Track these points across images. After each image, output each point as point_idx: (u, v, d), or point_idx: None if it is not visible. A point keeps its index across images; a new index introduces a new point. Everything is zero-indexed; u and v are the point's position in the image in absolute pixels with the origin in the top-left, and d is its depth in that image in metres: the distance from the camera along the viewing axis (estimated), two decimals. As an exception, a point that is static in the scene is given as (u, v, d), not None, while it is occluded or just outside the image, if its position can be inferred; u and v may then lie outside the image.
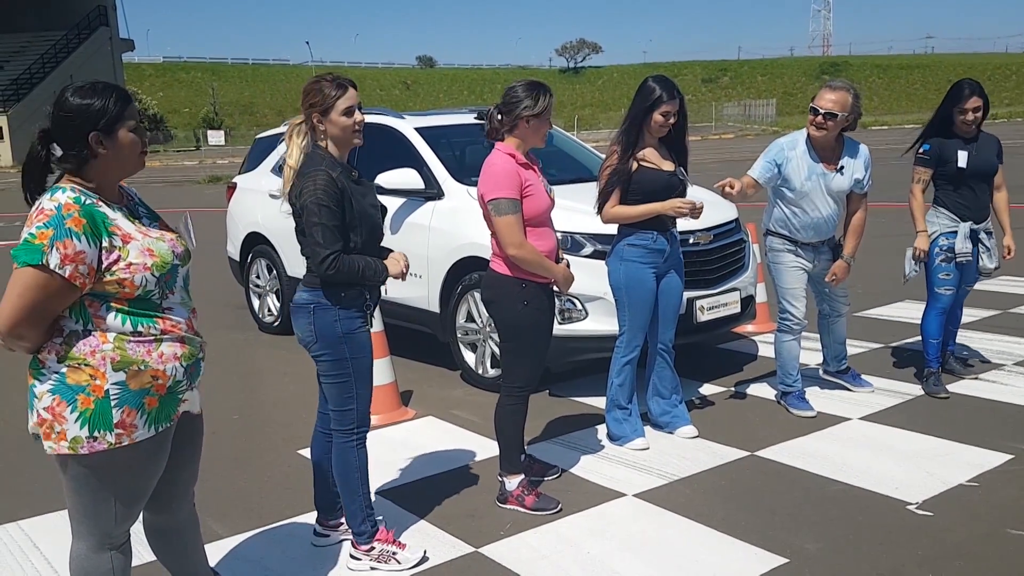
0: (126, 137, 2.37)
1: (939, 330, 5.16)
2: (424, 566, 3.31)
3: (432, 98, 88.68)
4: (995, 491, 3.79)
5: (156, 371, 2.38)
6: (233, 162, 37.57)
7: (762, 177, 4.71)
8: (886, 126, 50.08)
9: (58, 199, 2.28)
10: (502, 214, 3.57)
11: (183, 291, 2.52)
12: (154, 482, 2.51)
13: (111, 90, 2.35)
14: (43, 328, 2.30)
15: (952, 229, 5.02)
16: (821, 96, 4.61)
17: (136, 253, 2.34)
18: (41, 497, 3.99)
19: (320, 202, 3.03)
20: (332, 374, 3.23)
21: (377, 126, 6.23)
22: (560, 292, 3.82)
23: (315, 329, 3.17)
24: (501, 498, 3.82)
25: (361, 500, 3.32)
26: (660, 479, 4.04)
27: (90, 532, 2.46)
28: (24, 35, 50.76)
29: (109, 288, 2.32)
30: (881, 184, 7.37)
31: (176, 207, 16.81)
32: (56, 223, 2.23)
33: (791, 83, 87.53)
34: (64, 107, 2.32)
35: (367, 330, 3.25)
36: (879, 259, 8.30)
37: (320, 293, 3.15)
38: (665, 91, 4.21)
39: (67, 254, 2.22)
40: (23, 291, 2.23)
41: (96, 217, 2.30)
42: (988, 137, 5.08)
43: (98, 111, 2.31)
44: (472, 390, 5.50)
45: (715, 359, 6.02)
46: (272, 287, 7.24)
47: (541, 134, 3.69)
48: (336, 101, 3.10)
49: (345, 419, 3.28)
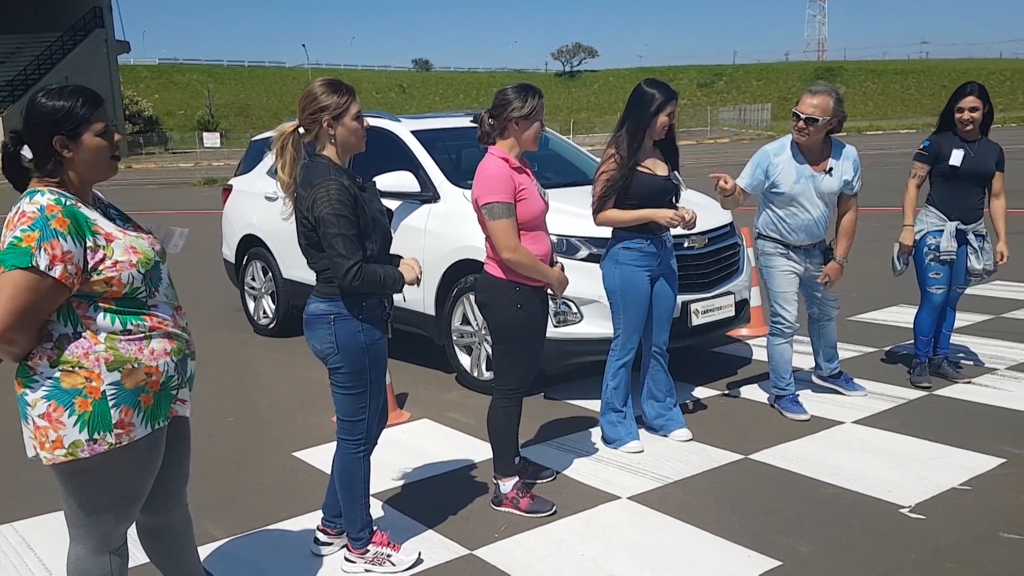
0: (92, 141, 2.34)
1: (931, 328, 5.27)
2: (418, 568, 3.32)
3: (428, 101, 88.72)
4: (987, 494, 3.80)
5: (150, 368, 2.39)
6: (229, 164, 37.53)
7: (749, 186, 4.76)
8: (880, 131, 50.24)
9: (39, 201, 2.27)
10: (496, 218, 3.58)
11: (168, 288, 2.52)
12: (151, 481, 2.51)
13: (79, 93, 2.33)
14: (33, 332, 2.28)
15: (939, 228, 5.09)
16: (802, 101, 4.65)
17: (120, 251, 2.34)
18: (35, 499, 3.98)
19: (337, 212, 2.95)
20: (348, 385, 3.17)
21: (373, 129, 6.21)
22: (555, 295, 3.83)
23: (336, 340, 3.10)
24: (496, 500, 3.82)
25: (362, 508, 3.32)
26: (654, 482, 4.06)
27: (89, 535, 2.46)
28: (20, 36, 50.66)
29: (96, 288, 2.31)
30: (874, 188, 7.39)
31: (171, 210, 16.78)
32: (41, 225, 2.22)
33: (786, 88, 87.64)
34: (32, 109, 2.31)
35: (385, 340, 3.23)
36: (872, 263, 8.33)
37: (340, 303, 3.09)
38: (665, 94, 4.26)
39: (55, 254, 2.22)
40: (13, 294, 2.20)
41: (79, 217, 2.30)
42: (991, 143, 5.15)
43: (63, 115, 2.29)
44: (467, 393, 5.51)
45: (709, 362, 6.03)
46: (267, 289, 7.23)
47: (532, 136, 3.69)
48: (349, 106, 3.06)
49: (355, 429, 3.24)
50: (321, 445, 4.61)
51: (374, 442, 3.37)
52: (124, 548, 2.55)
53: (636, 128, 4.29)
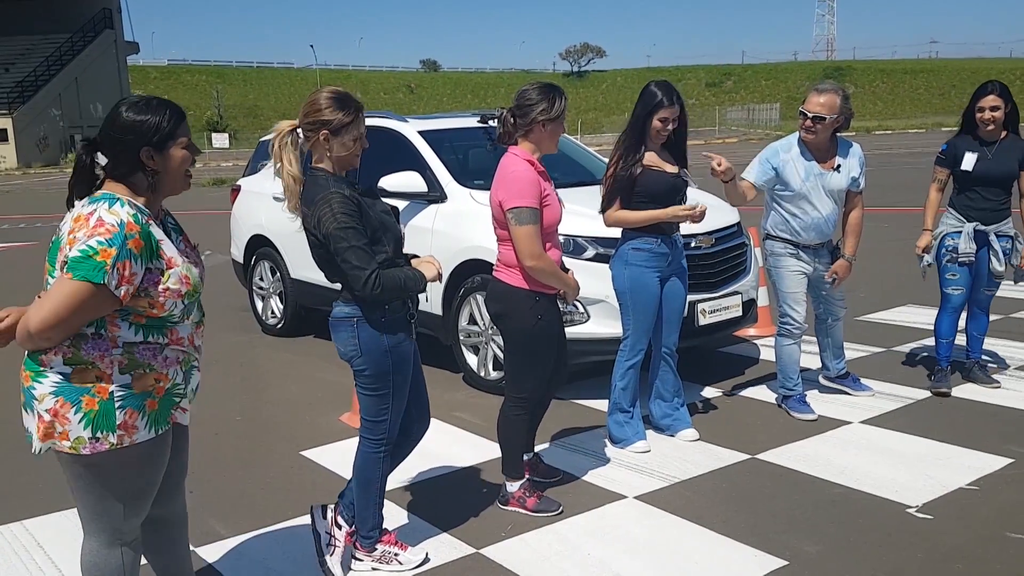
0: (178, 154, 2.40)
1: (950, 330, 5.19)
2: (425, 567, 3.33)
3: (436, 101, 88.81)
4: (995, 495, 3.80)
5: (159, 374, 2.42)
6: (237, 165, 37.62)
7: (759, 180, 4.74)
8: (890, 131, 50.04)
9: (119, 214, 2.27)
10: (523, 224, 3.49)
11: (197, 313, 2.56)
12: (158, 480, 2.54)
13: (166, 106, 2.38)
14: (71, 335, 2.31)
15: (957, 230, 5.05)
16: (809, 100, 4.65)
17: (175, 280, 2.37)
18: (44, 497, 4.01)
19: (344, 225, 2.94)
20: (372, 387, 3.18)
21: (381, 129, 6.26)
22: (567, 300, 3.80)
23: (359, 343, 3.11)
24: (503, 500, 3.83)
25: (375, 507, 3.33)
26: (661, 482, 4.06)
27: (100, 529, 2.49)
28: (29, 37, 50.92)
29: (139, 306, 2.34)
30: (883, 188, 7.38)
31: (181, 210, 16.82)
32: (119, 243, 2.23)
33: (795, 87, 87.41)
34: (117, 121, 2.33)
35: (411, 342, 3.23)
36: (881, 263, 8.31)
37: (365, 307, 3.09)
38: (665, 96, 4.22)
39: (125, 275, 2.25)
40: (73, 303, 2.22)
41: (152, 240, 2.33)
42: (1014, 142, 5.01)
43: (153, 127, 2.33)
44: (474, 393, 5.52)
45: (716, 362, 6.03)
46: (275, 289, 7.26)
47: (555, 139, 3.66)
48: (351, 126, 3.02)
49: (377, 430, 3.24)
50: (328, 444, 4.63)
51: (414, 443, 3.40)
52: (137, 542, 2.58)
53: (634, 126, 4.30)
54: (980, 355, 5.41)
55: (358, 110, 3.05)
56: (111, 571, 2.51)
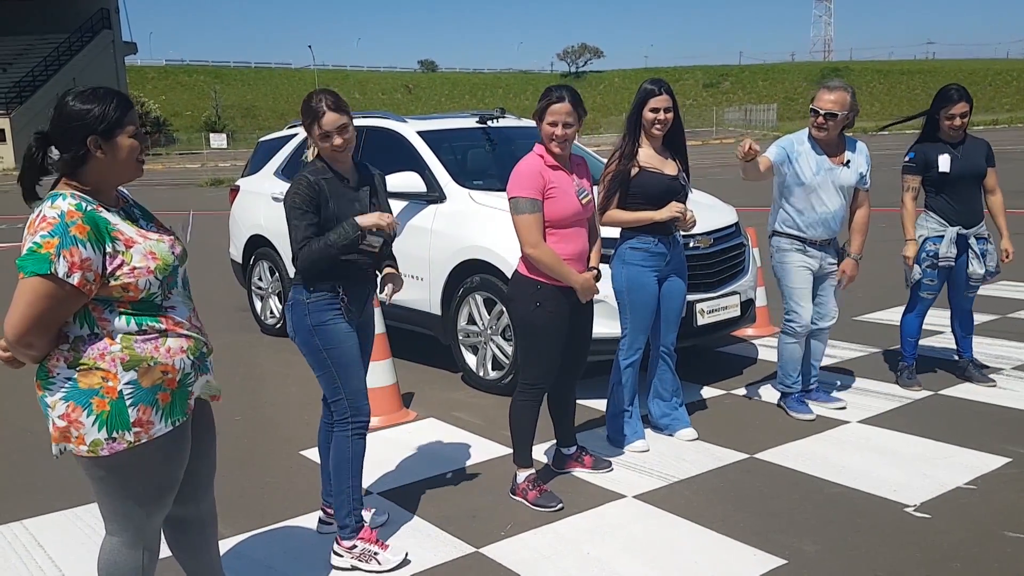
0: (125, 142, 2.38)
1: (916, 330, 5.32)
2: (425, 565, 3.34)
3: (434, 102, 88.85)
4: (993, 494, 3.81)
5: (166, 366, 2.41)
6: (235, 165, 37.65)
7: (776, 159, 4.73)
8: (886, 131, 50.05)
9: (60, 206, 2.28)
10: (519, 213, 3.66)
11: (183, 290, 2.54)
12: (180, 474, 2.54)
13: (112, 95, 2.37)
14: (51, 336, 2.31)
15: (939, 234, 5.08)
16: (820, 97, 4.67)
17: (139, 257, 2.36)
18: (44, 497, 4.01)
19: (292, 204, 3.21)
20: (313, 365, 3.39)
21: (379, 130, 6.26)
22: (580, 298, 3.82)
23: (292, 324, 3.35)
24: (512, 489, 3.91)
25: (349, 492, 3.36)
26: (660, 481, 4.07)
27: (124, 528, 2.49)
28: (27, 38, 50.89)
29: (114, 293, 2.34)
30: (881, 188, 7.39)
31: (179, 210, 16.82)
32: (61, 231, 2.24)
33: (792, 88, 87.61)
34: (64, 111, 2.33)
35: (342, 322, 3.32)
36: (877, 264, 8.32)
37: (296, 289, 3.32)
38: (654, 86, 4.30)
39: (74, 262, 2.24)
40: (32, 300, 2.23)
41: (99, 223, 2.31)
42: (976, 141, 5.14)
43: (98, 116, 2.33)
44: (473, 392, 5.53)
45: (715, 362, 6.04)
46: (274, 289, 7.27)
47: (546, 135, 3.73)
48: (313, 126, 3.25)
49: (338, 408, 3.39)
50: (328, 444, 4.63)
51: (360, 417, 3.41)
52: (156, 543, 2.58)
53: (630, 122, 4.36)
54: (972, 353, 5.46)
55: (322, 113, 3.20)
56: (130, 571, 2.51)
